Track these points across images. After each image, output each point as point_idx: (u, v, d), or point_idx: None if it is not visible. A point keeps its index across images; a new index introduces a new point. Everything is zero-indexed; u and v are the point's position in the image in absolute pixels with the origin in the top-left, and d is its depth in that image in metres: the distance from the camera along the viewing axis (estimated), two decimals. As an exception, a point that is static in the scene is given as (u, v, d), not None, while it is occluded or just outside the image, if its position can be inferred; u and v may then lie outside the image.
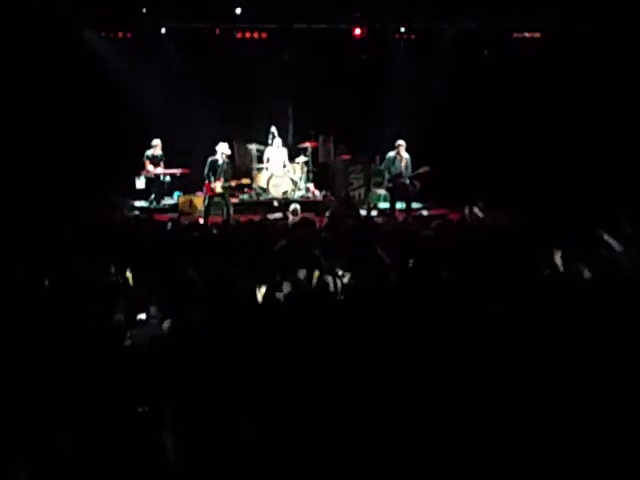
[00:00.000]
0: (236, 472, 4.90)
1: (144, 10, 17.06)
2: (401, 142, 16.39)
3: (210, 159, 15.80)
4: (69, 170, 17.30)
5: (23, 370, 5.68)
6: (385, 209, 16.82)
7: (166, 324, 7.03)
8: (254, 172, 18.23)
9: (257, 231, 11.53)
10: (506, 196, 15.44)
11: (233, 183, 16.39)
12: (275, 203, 17.25)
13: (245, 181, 17.41)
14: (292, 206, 14.58)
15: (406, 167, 16.34)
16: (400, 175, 16.30)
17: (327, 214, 15.14)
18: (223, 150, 15.85)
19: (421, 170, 16.36)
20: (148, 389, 5.61)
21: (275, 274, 8.29)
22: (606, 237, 9.09)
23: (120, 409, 5.34)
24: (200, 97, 18.64)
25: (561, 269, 8.62)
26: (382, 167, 16.83)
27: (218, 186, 15.71)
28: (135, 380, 5.73)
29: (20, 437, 4.87)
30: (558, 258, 8.79)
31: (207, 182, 15.74)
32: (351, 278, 8.36)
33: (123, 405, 5.39)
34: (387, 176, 16.53)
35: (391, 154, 16.44)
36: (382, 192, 17.77)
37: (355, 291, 7.84)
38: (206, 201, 15.87)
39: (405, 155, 16.32)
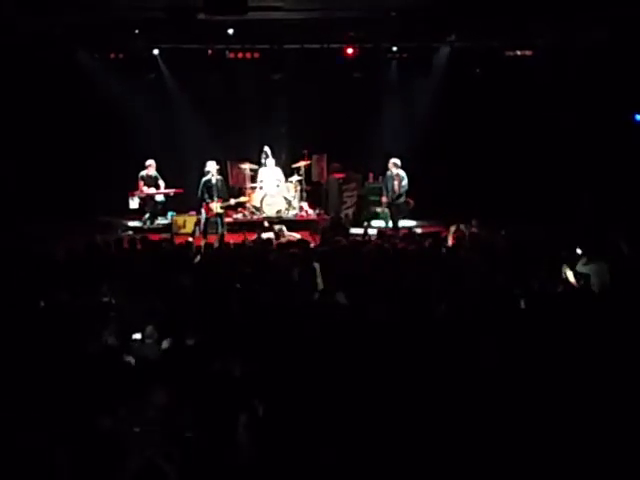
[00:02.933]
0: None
1: (137, 31, 17.05)
2: (394, 160, 16.56)
3: (203, 180, 15.82)
4: (63, 191, 17.31)
5: (19, 388, 5.65)
6: (380, 227, 16.82)
7: (165, 344, 7.00)
8: (248, 191, 18.22)
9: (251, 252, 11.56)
10: (500, 213, 15.48)
11: (232, 202, 16.38)
12: (266, 223, 17.26)
13: (243, 199, 17.41)
14: (277, 227, 14.84)
15: (399, 185, 16.44)
16: (394, 195, 16.54)
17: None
18: (214, 169, 15.87)
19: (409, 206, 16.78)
20: (143, 407, 5.58)
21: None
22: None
23: (115, 426, 5.31)
24: (193, 117, 18.67)
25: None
26: (383, 185, 17.02)
27: (217, 207, 15.73)
28: (130, 398, 5.70)
29: (15, 452, 4.84)
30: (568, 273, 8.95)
31: (205, 203, 15.75)
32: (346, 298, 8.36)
33: (118, 422, 5.36)
34: (386, 194, 16.67)
35: (388, 172, 16.62)
36: (377, 210, 17.82)
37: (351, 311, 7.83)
38: (203, 221, 15.87)
39: (399, 172, 16.41)
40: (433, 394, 5.44)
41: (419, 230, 16.41)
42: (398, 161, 16.56)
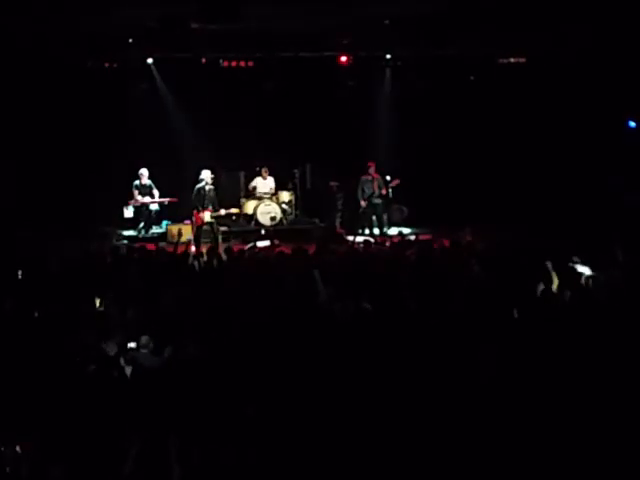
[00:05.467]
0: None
1: (130, 41, 17.05)
2: (370, 164, 17.06)
3: (197, 187, 15.82)
4: (57, 201, 17.27)
5: (13, 400, 5.63)
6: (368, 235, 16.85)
7: (167, 352, 6.99)
8: (242, 200, 18.22)
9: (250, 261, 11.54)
10: (494, 220, 15.53)
11: (222, 212, 16.31)
12: (262, 232, 17.25)
13: (234, 211, 17.35)
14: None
15: (378, 187, 16.91)
16: (372, 195, 16.84)
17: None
18: (208, 177, 15.85)
19: (393, 184, 16.62)
20: (138, 418, 5.56)
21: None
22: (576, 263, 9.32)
23: (110, 438, 5.29)
24: (187, 126, 18.63)
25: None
26: (357, 190, 17.25)
27: (207, 215, 15.70)
28: (125, 409, 5.68)
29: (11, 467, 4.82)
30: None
31: (196, 211, 15.74)
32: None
33: (113, 434, 5.34)
34: (361, 198, 17.07)
35: (362, 177, 17.07)
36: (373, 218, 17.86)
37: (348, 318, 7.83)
38: (196, 230, 15.84)
39: (376, 176, 16.81)
40: (432, 402, 5.44)
41: (412, 237, 16.41)
42: (373, 165, 17.10)
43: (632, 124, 18.26)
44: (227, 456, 5.06)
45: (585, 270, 9.27)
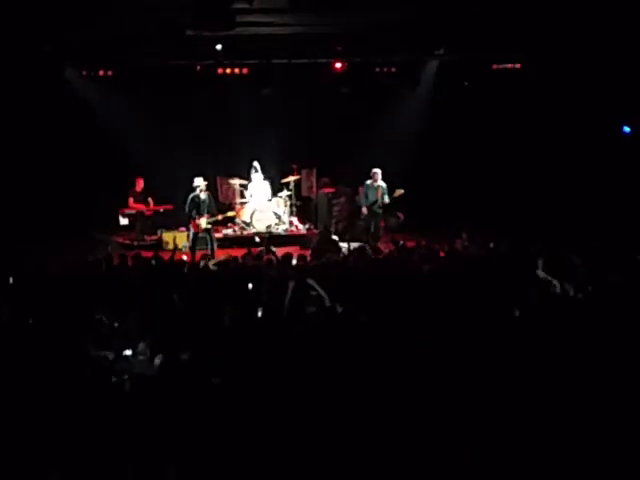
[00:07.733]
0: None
1: (125, 48, 17.01)
2: (376, 170, 16.80)
3: (191, 196, 15.77)
4: (52, 209, 17.27)
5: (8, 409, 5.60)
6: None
7: (157, 360, 6.96)
8: (237, 206, 18.20)
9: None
10: (490, 225, 15.54)
11: (220, 217, 16.25)
12: (257, 239, 17.22)
13: (231, 214, 17.30)
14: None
15: (381, 195, 16.65)
16: (375, 203, 16.68)
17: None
18: (201, 184, 15.80)
19: (396, 194, 16.54)
20: (136, 427, 5.53)
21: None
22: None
23: (109, 446, 5.26)
24: (182, 133, 18.65)
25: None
26: (361, 195, 17.16)
27: (203, 222, 15.65)
28: (122, 418, 5.65)
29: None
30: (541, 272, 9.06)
31: (192, 219, 15.71)
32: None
33: (112, 443, 5.31)
34: (364, 204, 16.91)
35: (368, 182, 16.86)
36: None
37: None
38: (192, 237, 15.80)
39: (381, 183, 16.59)
40: (433, 405, 5.43)
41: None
42: (380, 171, 16.80)
43: (626, 129, 18.30)
44: (225, 467, 5.04)
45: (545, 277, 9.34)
